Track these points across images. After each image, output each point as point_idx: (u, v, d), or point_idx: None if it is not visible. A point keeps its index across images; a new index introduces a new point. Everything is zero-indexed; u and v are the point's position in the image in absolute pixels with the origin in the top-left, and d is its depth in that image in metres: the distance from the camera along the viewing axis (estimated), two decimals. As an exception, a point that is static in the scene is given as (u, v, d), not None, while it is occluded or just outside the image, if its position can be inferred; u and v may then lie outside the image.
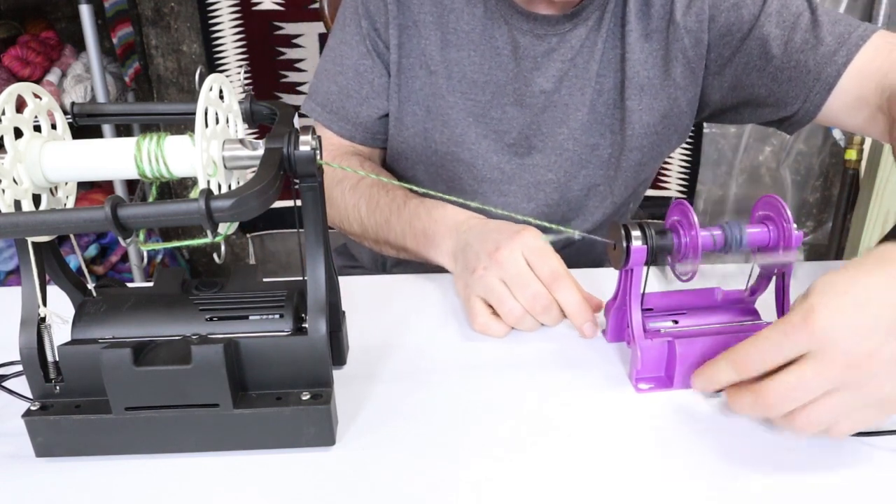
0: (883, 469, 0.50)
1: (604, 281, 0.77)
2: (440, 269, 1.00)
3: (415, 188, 0.63)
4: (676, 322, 0.61)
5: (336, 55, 0.90)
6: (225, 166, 0.50)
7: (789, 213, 0.56)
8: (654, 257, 0.57)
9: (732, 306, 0.63)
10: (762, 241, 0.58)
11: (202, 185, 0.46)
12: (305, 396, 0.51)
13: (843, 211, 1.97)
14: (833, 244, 2.04)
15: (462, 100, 0.85)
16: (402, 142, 0.90)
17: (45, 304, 0.51)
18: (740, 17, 0.80)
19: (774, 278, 0.60)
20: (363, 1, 0.87)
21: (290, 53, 1.89)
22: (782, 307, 0.60)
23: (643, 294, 0.59)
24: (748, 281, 0.63)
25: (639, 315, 0.59)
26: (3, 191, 0.46)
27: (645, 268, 0.58)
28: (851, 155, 1.91)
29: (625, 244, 0.57)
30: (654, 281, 0.59)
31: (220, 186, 0.49)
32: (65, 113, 0.54)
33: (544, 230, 0.65)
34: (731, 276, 0.76)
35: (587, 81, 0.84)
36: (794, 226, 0.56)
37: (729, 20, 0.81)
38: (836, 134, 1.96)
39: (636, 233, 0.57)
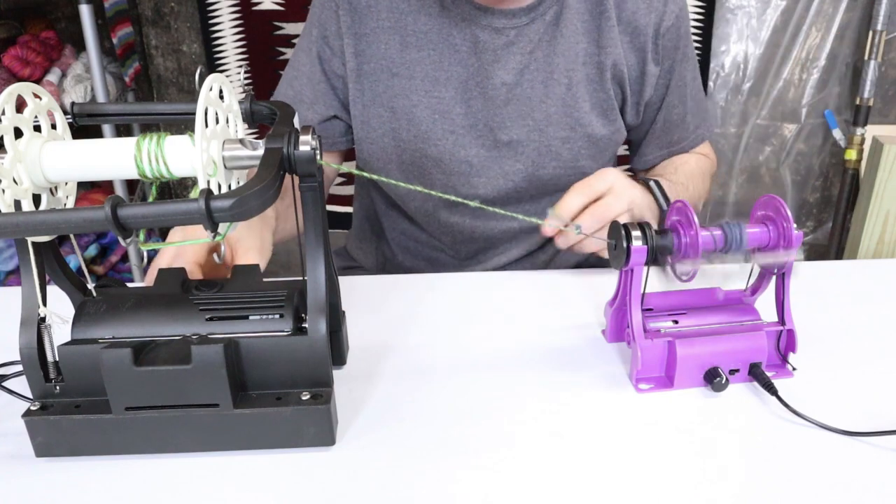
0: (882, 469, 0.50)
1: (604, 281, 0.77)
2: (441, 270, 1.00)
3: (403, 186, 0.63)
4: (676, 322, 0.61)
5: (295, 60, 0.93)
6: (225, 166, 0.50)
7: (789, 213, 0.56)
8: (654, 257, 0.58)
9: (732, 306, 0.63)
10: (762, 241, 0.58)
11: (202, 185, 0.46)
12: (305, 396, 0.51)
13: (843, 211, 1.97)
14: (833, 244, 2.03)
15: (426, 98, 0.87)
16: (370, 143, 0.91)
17: (45, 304, 0.51)
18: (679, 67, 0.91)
19: (774, 278, 0.60)
20: (317, 10, 0.90)
21: (290, 53, 1.89)
22: (782, 307, 0.60)
23: (643, 294, 0.59)
24: (748, 281, 0.63)
25: (639, 315, 0.59)
26: (3, 191, 0.46)
27: (645, 268, 0.58)
28: (851, 155, 1.91)
29: (625, 244, 0.57)
30: (655, 280, 0.59)
31: (220, 186, 0.49)
32: (65, 113, 0.54)
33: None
34: (731, 276, 0.76)
35: (549, 75, 0.86)
36: (794, 226, 0.56)
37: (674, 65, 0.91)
38: (836, 134, 1.96)
39: (636, 233, 0.57)
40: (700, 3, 1.85)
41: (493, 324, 0.70)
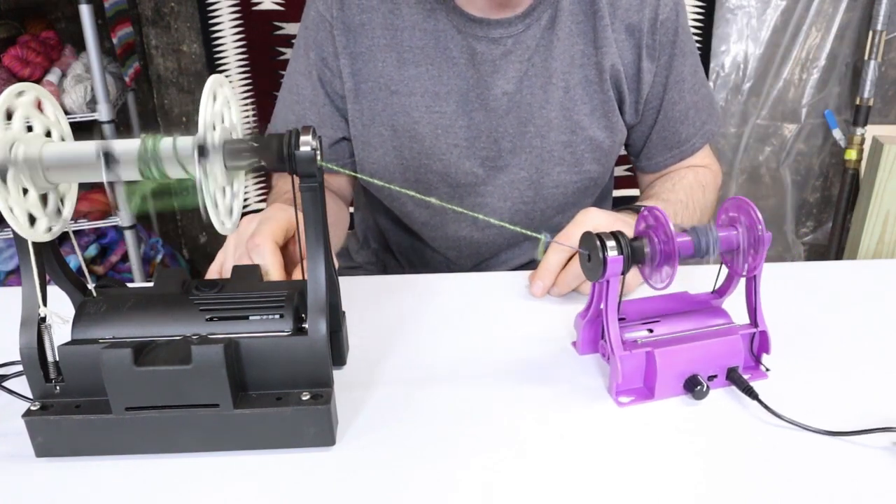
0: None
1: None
2: (440, 270, 1.00)
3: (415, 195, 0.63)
4: (651, 331, 0.60)
5: (292, 84, 0.92)
6: (225, 167, 0.50)
7: (759, 214, 0.54)
8: (629, 266, 0.55)
9: (702, 310, 0.62)
10: (732, 244, 0.57)
11: (202, 184, 0.46)
12: (305, 397, 0.52)
13: (843, 211, 1.97)
14: (833, 244, 2.03)
15: (427, 114, 0.86)
16: (372, 163, 0.91)
17: (45, 304, 0.51)
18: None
19: (744, 280, 0.59)
20: (311, 32, 0.89)
21: (290, 54, 1.89)
22: (754, 309, 0.59)
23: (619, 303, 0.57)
24: (715, 282, 0.63)
25: (616, 327, 0.57)
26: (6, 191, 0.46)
27: (621, 277, 0.56)
28: (851, 155, 1.91)
29: (601, 255, 0.54)
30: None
31: (220, 188, 0.49)
32: (65, 113, 0.54)
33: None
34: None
35: (548, 79, 0.86)
36: (763, 227, 0.54)
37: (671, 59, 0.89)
38: (836, 134, 1.96)
39: (611, 242, 0.55)
40: (700, 3, 1.85)
41: (495, 324, 0.70)
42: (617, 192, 1.15)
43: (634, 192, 2.04)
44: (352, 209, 1.13)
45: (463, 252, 0.97)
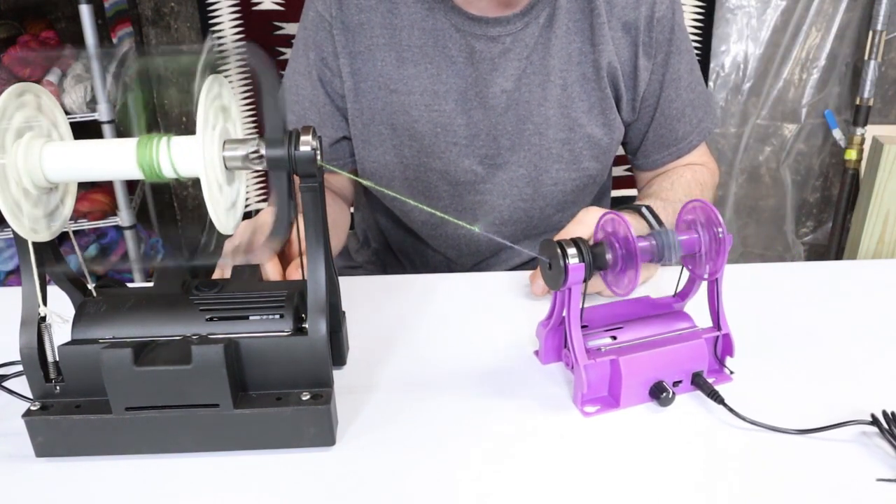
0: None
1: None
2: (440, 270, 1.00)
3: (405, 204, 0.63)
4: (615, 338, 0.59)
5: (292, 84, 0.92)
6: (225, 167, 0.50)
7: (720, 217, 0.54)
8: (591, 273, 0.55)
9: (665, 314, 0.61)
10: (693, 247, 0.56)
11: (204, 184, 0.46)
12: (305, 397, 0.52)
13: (843, 211, 1.97)
14: (833, 244, 2.03)
15: (426, 112, 0.87)
16: (372, 162, 0.91)
17: (45, 304, 0.51)
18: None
19: (706, 283, 0.59)
20: (311, 32, 0.89)
21: (290, 54, 1.89)
22: (717, 312, 0.59)
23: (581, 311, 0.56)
24: (676, 286, 0.62)
25: (580, 336, 0.56)
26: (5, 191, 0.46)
27: (583, 285, 0.55)
28: (851, 155, 1.91)
29: (562, 263, 0.54)
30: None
31: (220, 187, 0.49)
32: (65, 113, 0.54)
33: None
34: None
35: (546, 77, 0.86)
36: (724, 229, 0.54)
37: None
38: (836, 134, 1.96)
39: (572, 250, 0.54)
40: (700, 3, 1.85)
41: (495, 324, 0.70)
42: (616, 193, 1.15)
43: (633, 192, 2.04)
44: (352, 209, 1.13)
45: (463, 251, 0.97)
